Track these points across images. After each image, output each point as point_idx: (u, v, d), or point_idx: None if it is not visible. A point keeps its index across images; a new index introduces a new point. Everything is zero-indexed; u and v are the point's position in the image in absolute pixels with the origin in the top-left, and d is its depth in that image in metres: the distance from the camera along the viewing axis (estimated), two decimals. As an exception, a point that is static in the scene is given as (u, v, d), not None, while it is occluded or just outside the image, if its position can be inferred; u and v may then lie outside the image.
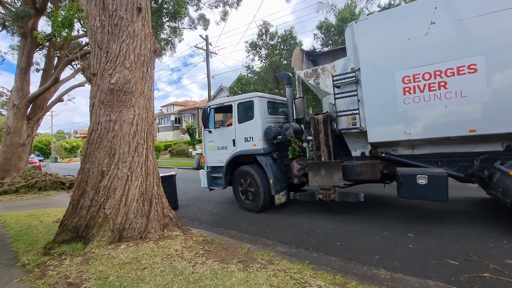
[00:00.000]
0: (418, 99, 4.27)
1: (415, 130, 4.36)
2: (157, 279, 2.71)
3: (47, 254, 3.41)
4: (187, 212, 6.42)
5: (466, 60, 3.89)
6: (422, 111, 4.27)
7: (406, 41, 4.31)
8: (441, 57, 4.06)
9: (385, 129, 4.63)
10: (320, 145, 5.21)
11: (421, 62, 4.20)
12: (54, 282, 2.79)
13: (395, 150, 4.91)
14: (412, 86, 4.29)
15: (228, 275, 2.74)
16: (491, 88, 3.79)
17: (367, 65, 4.66)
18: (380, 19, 4.71)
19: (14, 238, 4.43)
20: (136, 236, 3.69)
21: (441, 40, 4.06)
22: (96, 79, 4.14)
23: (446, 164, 4.49)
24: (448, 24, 4.02)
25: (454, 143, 4.40)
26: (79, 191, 3.77)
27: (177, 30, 14.76)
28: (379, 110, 4.63)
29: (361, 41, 4.71)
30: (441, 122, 4.16)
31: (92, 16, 4.33)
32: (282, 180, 5.92)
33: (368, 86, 4.68)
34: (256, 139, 5.88)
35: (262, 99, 6.09)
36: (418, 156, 4.69)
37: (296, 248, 3.90)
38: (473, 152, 4.29)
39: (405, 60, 4.33)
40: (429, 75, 4.15)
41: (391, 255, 3.50)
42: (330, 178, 5.03)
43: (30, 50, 11.66)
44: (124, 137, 3.93)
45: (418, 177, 4.21)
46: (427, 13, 4.13)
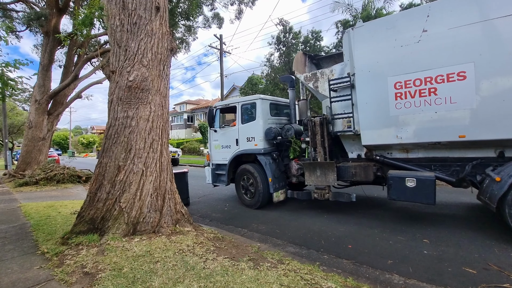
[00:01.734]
0: (409, 104, 4.36)
1: (406, 134, 4.46)
2: (169, 272, 2.75)
3: (65, 244, 3.55)
4: (198, 209, 6.50)
5: (455, 67, 3.97)
6: (413, 116, 4.37)
7: (399, 48, 4.40)
8: (432, 64, 4.14)
9: (377, 132, 4.76)
10: (317, 146, 5.40)
11: (412, 68, 4.29)
12: (71, 270, 2.89)
13: (390, 153, 5.04)
14: (403, 92, 4.39)
15: (238, 273, 2.76)
16: (480, 95, 3.85)
17: (362, 70, 4.79)
18: (375, 26, 4.80)
19: (34, 227, 4.62)
20: (149, 230, 3.77)
21: (432, 47, 4.14)
22: (115, 76, 4.26)
23: (438, 169, 4.59)
24: (439, 32, 4.09)
25: (446, 148, 4.47)
26: (96, 184, 3.89)
27: (192, 29, 14.96)
28: (372, 114, 4.77)
29: (357, 47, 4.85)
30: (431, 127, 4.25)
31: (112, 15, 4.45)
32: (281, 179, 6.12)
33: (362, 90, 4.82)
34: (257, 139, 6.14)
35: (265, 101, 6.33)
36: (412, 160, 4.80)
37: (306, 249, 3.87)
38: (466, 157, 4.35)
39: (397, 66, 4.43)
40: (420, 81, 4.24)
41: (405, 260, 3.42)
42: (325, 178, 5.21)
43: (52, 48, 12.13)
44: (140, 133, 4.02)
45: (407, 179, 4.36)
46: (420, 21, 4.22)
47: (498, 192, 3.70)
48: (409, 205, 5.92)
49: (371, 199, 6.63)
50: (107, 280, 2.63)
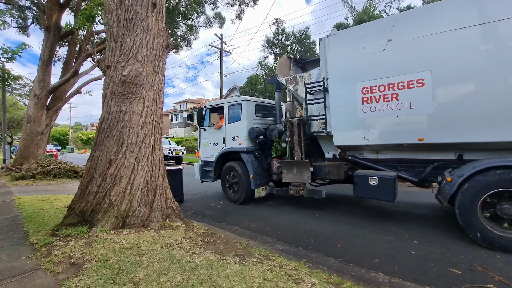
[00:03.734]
0: (374, 108, 4.63)
1: (372, 136, 4.74)
2: (154, 265, 2.78)
3: (54, 235, 3.57)
4: (192, 206, 6.52)
5: (415, 75, 4.21)
6: (377, 119, 4.63)
7: (367, 56, 4.65)
8: (395, 71, 4.39)
9: (347, 134, 5.06)
10: (294, 145, 5.68)
11: (377, 75, 4.54)
12: (58, 261, 2.92)
13: (361, 154, 5.33)
14: (369, 97, 4.66)
15: (223, 267, 2.78)
16: (436, 101, 4.10)
17: (334, 75, 5.06)
18: (347, 34, 5.08)
19: (26, 219, 4.65)
20: (139, 224, 3.79)
21: (396, 56, 4.39)
22: (110, 71, 4.30)
23: (404, 169, 4.87)
24: (403, 42, 4.33)
25: (411, 150, 4.74)
26: (87, 178, 3.92)
27: (193, 28, 15.03)
28: (342, 117, 5.05)
29: (330, 53, 5.11)
30: (394, 130, 4.52)
31: (109, 10, 4.49)
32: (262, 176, 6.40)
33: (334, 94, 5.09)
34: (241, 138, 6.48)
35: (250, 103, 6.70)
36: (381, 161, 5.09)
37: (295, 246, 3.89)
38: (429, 159, 4.61)
39: (365, 73, 4.69)
40: (383, 87, 4.50)
41: (391, 260, 3.43)
42: (300, 176, 5.52)
43: (53, 43, 12.17)
44: (133, 128, 4.05)
45: (370, 178, 4.68)
46: (386, 30, 4.47)
47: (448, 192, 3.95)
48: (400, 207, 5.95)
49: (363, 200, 6.65)
50: (92, 271, 2.65)
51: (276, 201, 6.74)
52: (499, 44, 3.64)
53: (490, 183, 3.67)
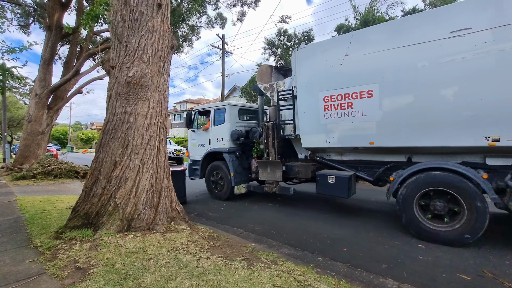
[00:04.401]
0: (333, 115, 5.18)
1: (332, 140, 5.31)
2: (162, 270, 2.74)
3: (58, 238, 3.52)
4: (195, 207, 6.48)
5: (366, 86, 4.74)
6: (336, 125, 5.19)
7: (328, 68, 5.18)
8: (350, 83, 4.92)
9: (312, 137, 5.58)
10: (269, 147, 6.23)
11: (336, 86, 5.08)
12: (63, 265, 2.87)
13: (328, 155, 5.90)
14: (329, 105, 5.21)
15: (231, 272, 2.74)
16: (382, 110, 4.63)
17: (301, 84, 5.60)
18: (313, 48, 5.61)
19: (29, 221, 4.60)
20: (144, 227, 3.75)
21: (351, 69, 4.91)
22: (115, 71, 4.25)
23: (363, 169, 5.38)
24: (357, 57, 4.86)
25: (368, 153, 5.27)
26: (92, 179, 3.87)
27: (195, 28, 14.99)
28: (308, 122, 5.58)
29: (299, 64, 5.63)
30: (349, 134, 5.07)
31: (114, 10, 4.45)
32: (242, 175, 6.91)
33: (301, 101, 5.64)
34: (225, 139, 7.00)
35: (233, 107, 7.20)
36: (345, 162, 5.62)
37: (301, 251, 3.85)
38: (384, 161, 5.12)
39: (326, 83, 5.22)
40: (341, 96, 5.05)
41: (399, 265, 3.40)
42: (273, 174, 6.07)
43: (54, 43, 12.11)
44: (138, 129, 4.01)
45: (329, 177, 5.24)
46: (344, 46, 4.98)
47: (391, 189, 4.55)
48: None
49: (368, 204, 6.62)
50: (99, 276, 2.61)
51: (280, 204, 6.70)
52: (432, 61, 4.15)
53: (423, 183, 4.22)
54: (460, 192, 3.94)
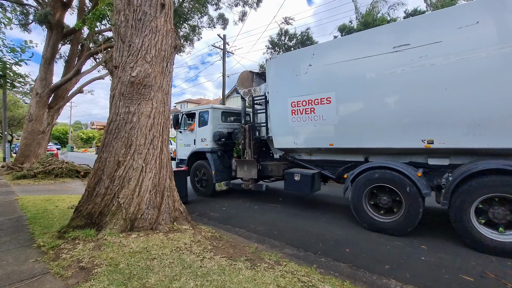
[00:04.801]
0: (299, 119, 5.68)
1: (299, 141, 5.83)
2: (166, 270, 2.74)
3: (61, 238, 3.52)
4: (197, 207, 6.48)
5: (325, 94, 5.25)
6: (301, 127, 5.69)
7: (294, 77, 5.69)
8: (312, 90, 5.43)
9: (282, 138, 6.14)
10: (246, 147, 6.75)
11: (301, 92, 5.60)
12: (67, 265, 2.88)
13: (299, 155, 6.37)
14: (296, 109, 5.71)
15: (235, 272, 2.74)
16: (339, 115, 5.16)
17: (273, 91, 6.13)
18: (282, 58, 6.27)
19: (31, 220, 4.60)
20: (147, 227, 3.75)
21: (314, 78, 5.42)
22: (118, 71, 4.25)
23: (328, 168, 5.87)
24: (318, 67, 5.36)
25: (331, 153, 5.77)
26: (95, 179, 3.87)
27: (196, 29, 14.99)
28: (278, 125, 6.14)
29: (271, 73, 6.16)
30: (313, 137, 5.60)
31: (117, 10, 4.45)
32: (224, 173, 7.35)
33: (273, 106, 6.17)
34: (208, 140, 7.49)
35: (216, 110, 7.75)
36: (313, 161, 6.11)
37: (304, 251, 3.86)
38: (345, 160, 5.59)
39: (293, 90, 5.74)
40: (305, 102, 5.55)
41: (402, 266, 3.41)
42: (249, 172, 6.61)
43: (55, 42, 12.12)
44: (141, 129, 4.01)
45: (295, 175, 5.74)
46: (309, 57, 5.48)
47: (345, 185, 5.08)
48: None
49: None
50: (103, 275, 2.61)
51: (281, 204, 6.70)
52: (378, 73, 4.67)
53: (369, 179, 4.73)
54: (399, 188, 4.41)
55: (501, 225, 3.71)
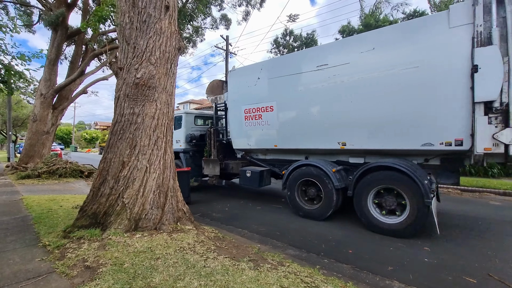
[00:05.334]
0: (251, 124, 6.67)
1: (251, 143, 6.85)
2: (170, 269, 2.77)
3: (66, 237, 3.56)
4: (199, 208, 6.50)
5: (269, 103, 6.26)
6: (252, 131, 6.71)
7: (247, 88, 6.64)
8: (260, 100, 6.41)
9: (239, 140, 7.10)
10: (211, 148, 7.69)
11: (252, 101, 6.56)
12: (72, 264, 2.91)
13: (256, 155, 7.25)
14: (248, 115, 6.69)
15: (239, 272, 2.76)
16: (279, 121, 6.17)
17: (231, 99, 7.12)
18: (240, 71, 7.18)
19: (36, 220, 4.65)
20: (151, 227, 3.78)
21: (261, 89, 6.40)
22: (123, 73, 4.30)
23: (278, 166, 6.68)
24: (264, 80, 6.35)
25: (280, 153, 6.70)
26: (100, 179, 3.91)
27: (199, 30, 15.06)
28: (235, 128, 7.10)
29: (230, 83, 7.15)
30: (261, 139, 6.63)
31: (122, 12, 4.50)
32: (195, 171, 7.98)
33: (231, 112, 7.19)
34: (181, 141, 8.39)
35: (189, 115, 8.75)
36: (267, 160, 7.00)
37: (306, 252, 3.87)
38: (291, 159, 6.39)
39: (246, 99, 6.68)
40: (254, 110, 6.54)
41: (405, 267, 3.41)
42: (213, 170, 7.52)
43: (60, 43, 12.23)
44: (146, 130, 4.05)
45: (246, 171, 6.66)
46: (258, 71, 6.47)
47: (283, 181, 5.96)
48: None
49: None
50: (108, 275, 2.64)
51: (283, 205, 6.71)
52: (306, 86, 5.65)
53: (301, 174, 5.67)
54: (319, 181, 5.35)
55: (387, 210, 4.66)
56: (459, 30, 4.11)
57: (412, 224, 4.30)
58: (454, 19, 4.15)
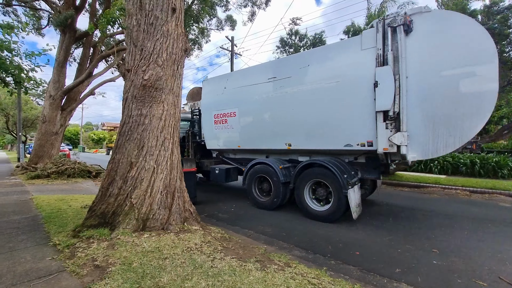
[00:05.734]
0: (219, 127, 7.65)
1: (220, 144, 7.80)
2: (178, 269, 2.79)
3: (76, 237, 3.62)
4: (205, 208, 6.54)
5: (232, 109, 7.25)
6: (221, 133, 7.66)
7: (215, 96, 7.66)
8: (226, 106, 7.40)
9: (210, 141, 8.02)
10: (189, 148, 8.66)
11: (220, 108, 7.52)
12: (82, 263, 2.96)
13: (228, 154, 8.10)
14: (217, 120, 7.66)
15: (246, 273, 2.77)
16: (240, 125, 7.16)
17: (203, 105, 8.11)
18: (211, 80, 8.04)
19: (46, 219, 4.74)
20: (158, 227, 3.82)
21: (227, 97, 7.39)
22: (130, 74, 4.35)
23: (244, 164, 7.23)
24: (229, 89, 7.36)
25: (245, 153, 7.55)
26: (108, 180, 3.97)
27: (205, 31, 15.14)
28: (208, 131, 8.03)
29: (204, 91, 8.12)
30: (228, 140, 7.59)
31: (129, 14, 4.56)
32: None
33: (203, 117, 8.14)
34: None
35: None
36: (237, 159, 7.85)
37: (313, 253, 3.86)
38: (255, 158, 7.02)
39: (215, 105, 7.66)
40: (222, 115, 7.54)
41: (413, 269, 3.37)
42: (190, 167, 7.79)
43: (68, 45, 12.43)
44: (153, 131, 4.10)
45: (215, 169, 7.47)
46: (224, 82, 7.51)
47: (243, 177, 6.88)
48: (418, 214, 5.84)
49: (379, 207, 6.57)
50: (117, 274, 2.68)
51: (290, 206, 6.69)
52: (259, 96, 6.65)
53: (256, 171, 6.60)
54: (269, 176, 6.25)
55: (319, 200, 5.62)
56: (367, 52, 4.95)
57: (335, 211, 5.19)
58: (365, 43, 5.01)
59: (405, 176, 10.15)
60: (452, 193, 8.03)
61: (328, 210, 5.28)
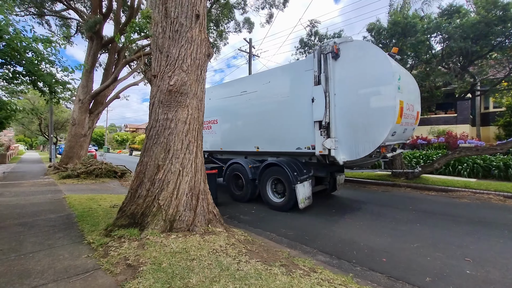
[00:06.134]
0: (206, 132, 8.79)
1: (208, 146, 9.05)
2: (205, 271, 2.86)
3: (108, 236, 3.81)
4: (226, 210, 6.63)
5: (215, 117, 8.70)
6: (207, 137, 8.90)
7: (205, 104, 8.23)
8: (211, 114, 8.57)
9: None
10: None
11: (207, 116, 7.42)
12: (115, 262, 3.11)
13: (216, 155, 9.31)
14: (205, 126, 8.63)
15: (272, 277, 2.79)
16: (221, 131, 8.58)
17: None
18: None
19: (79, 218, 5.02)
20: (184, 228, 3.93)
21: (212, 106, 8.57)
22: (156, 80, 4.51)
23: None
24: (214, 99, 8.68)
25: (229, 154, 8.60)
26: (137, 182, 4.14)
27: (223, 34, 15.35)
28: None
29: None
30: (213, 143, 8.95)
31: (155, 22, 4.72)
32: None
33: None
34: None
35: None
36: (223, 159, 8.87)
37: (337, 259, 3.80)
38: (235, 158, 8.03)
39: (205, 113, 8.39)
40: (208, 122, 8.83)
41: (445, 279, 3.23)
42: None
43: (95, 52, 13.08)
44: (178, 135, 4.22)
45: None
46: (210, 93, 8.71)
47: (223, 175, 7.95)
48: (447, 220, 5.58)
49: (406, 213, 6.34)
50: (148, 274, 2.79)
51: (312, 209, 6.64)
52: (235, 106, 8.00)
53: (232, 169, 7.71)
54: (242, 174, 7.38)
55: (278, 193, 6.74)
56: (308, 73, 6.12)
57: (288, 202, 6.27)
58: (307, 66, 6.19)
59: (431, 179, 9.71)
60: (484, 198, 7.57)
61: (283, 201, 6.40)
